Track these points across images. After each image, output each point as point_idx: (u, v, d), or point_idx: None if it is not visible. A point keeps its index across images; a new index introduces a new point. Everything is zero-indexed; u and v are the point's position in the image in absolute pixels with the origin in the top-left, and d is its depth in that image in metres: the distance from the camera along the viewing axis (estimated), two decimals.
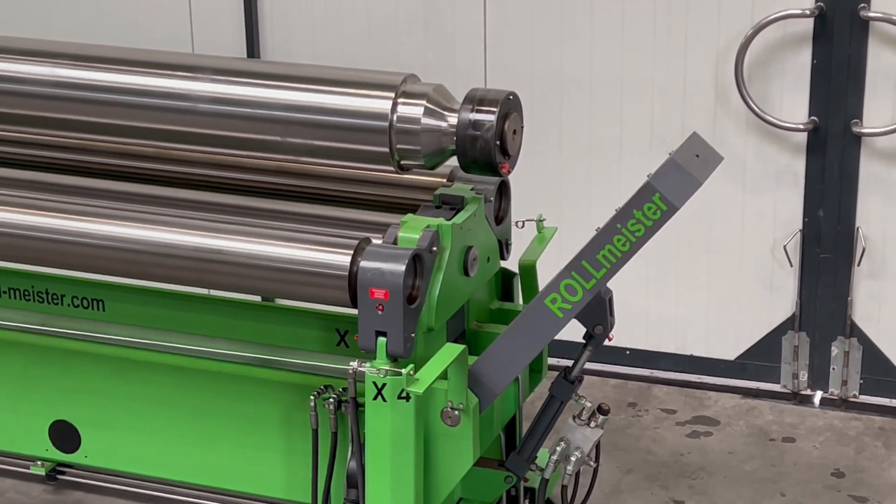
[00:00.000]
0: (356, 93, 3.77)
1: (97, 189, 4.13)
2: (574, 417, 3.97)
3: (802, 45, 4.90)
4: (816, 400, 5.22)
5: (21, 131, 4.13)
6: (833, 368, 5.18)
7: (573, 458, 3.96)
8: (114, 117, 3.96)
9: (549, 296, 3.63)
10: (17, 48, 4.10)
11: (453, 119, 3.71)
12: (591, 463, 4.07)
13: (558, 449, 3.95)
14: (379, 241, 3.68)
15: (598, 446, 4.05)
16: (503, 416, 3.99)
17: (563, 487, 4.04)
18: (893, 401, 5.15)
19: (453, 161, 3.80)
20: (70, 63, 4.01)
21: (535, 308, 3.65)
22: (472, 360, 3.80)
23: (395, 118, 3.71)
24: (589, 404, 3.94)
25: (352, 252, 3.66)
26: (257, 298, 4.43)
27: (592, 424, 3.96)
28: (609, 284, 4.07)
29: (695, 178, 3.51)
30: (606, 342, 3.80)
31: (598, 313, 3.73)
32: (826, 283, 5.10)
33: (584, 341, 3.81)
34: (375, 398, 3.56)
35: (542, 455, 4.01)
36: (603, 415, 3.95)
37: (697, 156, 3.58)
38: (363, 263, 3.58)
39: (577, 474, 4.02)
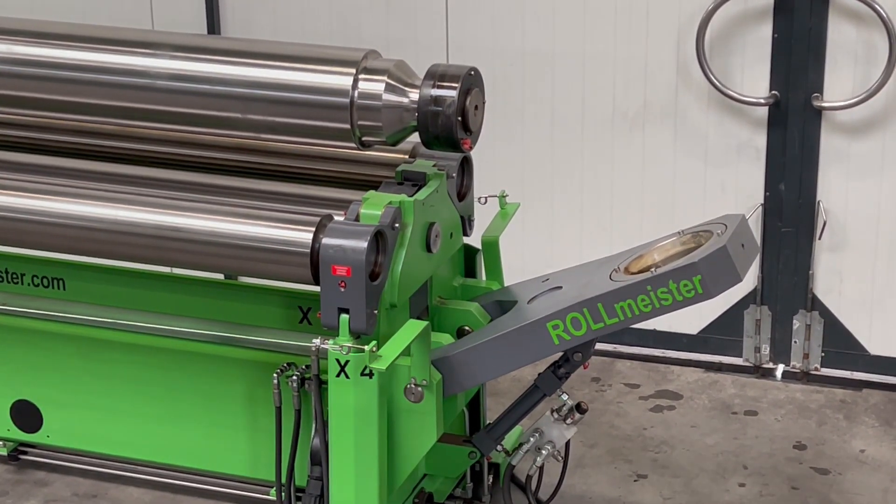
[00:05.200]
0: (317, 69, 3.75)
1: (56, 167, 4.10)
2: (553, 411, 3.97)
3: (763, 19, 4.90)
4: (778, 373, 5.24)
5: None
6: (794, 342, 5.21)
7: (544, 452, 3.97)
8: (73, 94, 3.93)
9: (553, 320, 3.59)
10: None
11: (415, 95, 3.70)
12: (559, 458, 4.08)
13: (532, 440, 3.96)
14: (341, 218, 3.67)
15: (568, 442, 4.06)
16: (467, 392, 3.99)
17: (528, 477, 4.06)
18: (854, 373, 5.18)
19: (415, 137, 3.80)
20: (27, 40, 3.97)
21: (535, 326, 3.62)
22: (444, 337, 3.81)
23: (356, 94, 3.69)
24: (570, 402, 3.94)
25: (314, 229, 3.65)
26: (220, 276, 4.41)
27: (569, 421, 3.96)
28: (573, 255, 4.08)
29: (737, 274, 3.45)
30: (581, 369, 3.80)
31: (583, 342, 3.67)
32: (787, 257, 5.12)
33: (558, 363, 3.80)
34: (338, 375, 3.56)
35: (511, 435, 4.03)
36: (580, 413, 3.95)
37: (742, 245, 3.53)
38: (325, 240, 3.56)
39: (543, 465, 4.04)
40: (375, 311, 3.59)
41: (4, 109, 4.05)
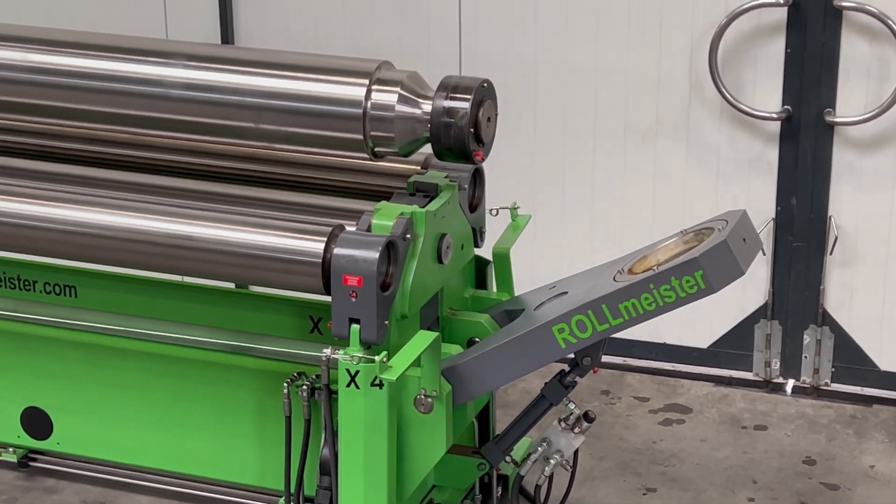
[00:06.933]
0: (330, 79, 3.75)
1: (69, 175, 4.11)
2: (560, 420, 3.97)
3: (776, 34, 4.91)
4: (788, 388, 5.24)
5: None
6: (805, 357, 5.20)
7: (552, 461, 3.96)
8: (86, 103, 3.94)
9: (558, 324, 3.59)
10: None
11: (427, 106, 3.71)
12: (568, 467, 4.08)
13: (540, 449, 3.96)
14: (352, 229, 3.67)
15: (576, 451, 4.06)
16: (476, 403, 3.99)
17: (537, 487, 4.05)
18: (864, 389, 5.17)
19: (427, 148, 3.80)
20: (42, 48, 3.98)
21: (541, 331, 3.62)
22: (454, 348, 3.81)
23: (369, 105, 3.69)
24: (577, 411, 3.93)
25: (325, 239, 3.65)
26: (230, 285, 4.42)
27: (576, 430, 3.95)
28: (583, 268, 4.08)
29: (739, 268, 3.44)
30: (591, 375, 3.80)
31: (592, 346, 3.67)
32: (798, 272, 5.12)
33: (567, 367, 3.80)
34: (349, 385, 3.56)
35: (520, 446, 4.02)
36: (588, 422, 3.95)
37: (744, 240, 3.52)
38: (337, 250, 3.57)
39: (552, 475, 4.03)
40: (386, 322, 3.59)
41: (19, 117, 4.06)
